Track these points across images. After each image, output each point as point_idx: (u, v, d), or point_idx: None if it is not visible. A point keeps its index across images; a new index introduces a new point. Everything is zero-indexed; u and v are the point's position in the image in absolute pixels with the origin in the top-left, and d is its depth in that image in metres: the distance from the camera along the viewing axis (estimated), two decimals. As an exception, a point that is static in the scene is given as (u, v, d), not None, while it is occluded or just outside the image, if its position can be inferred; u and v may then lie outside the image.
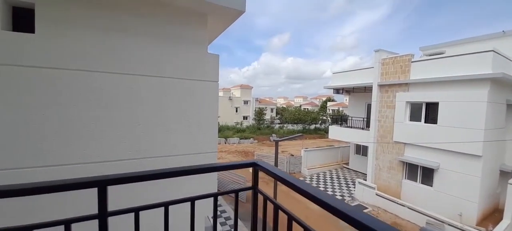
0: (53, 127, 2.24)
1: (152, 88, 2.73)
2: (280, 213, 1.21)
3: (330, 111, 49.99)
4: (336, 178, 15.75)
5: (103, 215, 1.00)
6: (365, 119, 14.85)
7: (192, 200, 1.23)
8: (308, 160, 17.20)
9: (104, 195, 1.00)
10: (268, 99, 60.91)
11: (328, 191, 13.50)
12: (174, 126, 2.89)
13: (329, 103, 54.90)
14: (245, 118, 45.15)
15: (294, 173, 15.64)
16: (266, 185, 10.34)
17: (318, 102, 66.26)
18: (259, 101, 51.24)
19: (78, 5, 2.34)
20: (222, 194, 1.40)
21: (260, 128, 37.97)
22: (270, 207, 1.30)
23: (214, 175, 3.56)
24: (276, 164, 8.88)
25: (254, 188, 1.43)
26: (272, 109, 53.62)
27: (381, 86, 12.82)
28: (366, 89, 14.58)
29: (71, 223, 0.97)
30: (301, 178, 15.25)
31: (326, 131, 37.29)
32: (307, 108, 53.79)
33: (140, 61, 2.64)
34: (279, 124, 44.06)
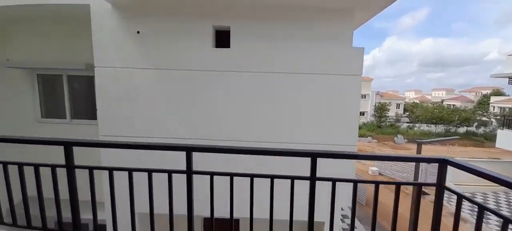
0: (246, 113, 3.18)
1: (303, 84, 3.18)
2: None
3: (496, 110, 35.32)
4: (506, 204, 11.10)
5: (313, 178, 1.36)
6: None
7: (376, 183, 1.39)
8: (456, 173, 13.15)
9: (315, 164, 1.35)
10: (392, 93, 51.34)
11: (489, 223, 9.84)
12: (323, 117, 3.23)
13: (493, 99, 38.66)
14: (362, 113, 40.76)
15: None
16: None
17: (473, 97, 48.41)
18: (381, 96, 44.23)
19: (254, 24, 3.14)
20: (405, 184, 1.46)
21: (380, 126, 33.00)
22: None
23: (354, 165, 3.64)
24: (416, 170, 7.48)
25: (440, 184, 1.37)
26: (398, 105, 44.81)
27: None
28: None
29: (294, 179, 1.39)
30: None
31: (487, 137, 26.94)
32: (453, 105, 40.66)
33: (296, 61, 3.14)
34: (407, 122, 36.13)
